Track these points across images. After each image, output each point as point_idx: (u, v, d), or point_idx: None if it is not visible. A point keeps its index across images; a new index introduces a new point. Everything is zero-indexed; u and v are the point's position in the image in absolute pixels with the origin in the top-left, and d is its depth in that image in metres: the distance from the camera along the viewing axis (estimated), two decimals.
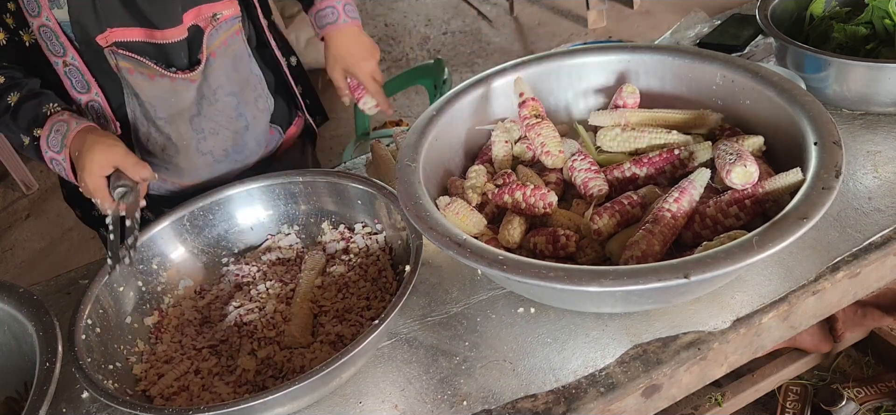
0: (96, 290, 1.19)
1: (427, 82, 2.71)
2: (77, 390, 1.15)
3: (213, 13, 1.40)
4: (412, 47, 4.78)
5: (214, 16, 1.40)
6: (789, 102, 1.15)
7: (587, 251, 1.11)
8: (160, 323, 1.25)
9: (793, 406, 1.94)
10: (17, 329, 1.17)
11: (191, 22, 1.38)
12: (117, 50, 1.34)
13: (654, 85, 1.36)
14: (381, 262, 1.28)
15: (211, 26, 1.40)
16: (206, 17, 1.40)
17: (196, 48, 1.41)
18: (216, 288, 1.32)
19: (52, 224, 3.74)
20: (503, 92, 1.37)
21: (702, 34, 1.81)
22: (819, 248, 1.17)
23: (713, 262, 0.90)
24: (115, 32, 1.33)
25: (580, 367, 1.06)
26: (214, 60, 1.43)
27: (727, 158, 1.08)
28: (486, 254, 0.99)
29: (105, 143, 1.26)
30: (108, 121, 1.41)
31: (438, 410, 1.04)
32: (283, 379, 1.12)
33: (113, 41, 1.33)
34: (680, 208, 1.06)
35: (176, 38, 1.37)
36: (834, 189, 0.97)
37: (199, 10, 1.39)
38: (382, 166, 1.51)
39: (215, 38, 1.42)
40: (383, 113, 1.65)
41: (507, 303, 1.18)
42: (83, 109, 1.40)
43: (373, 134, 2.79)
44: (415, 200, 1.10)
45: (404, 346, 1.14)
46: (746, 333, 1.09)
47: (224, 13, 1.42)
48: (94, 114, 1.40)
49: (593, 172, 1.19)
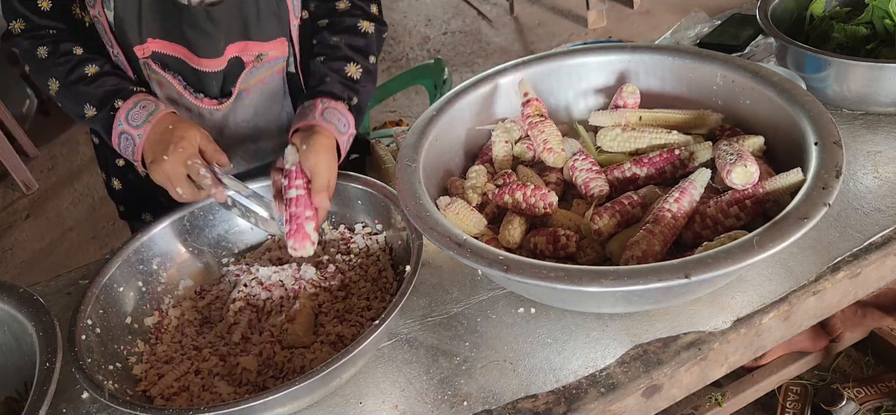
0: (96, 290, 1.19)
1: (427, 82, 2.71)
2: (77, 390, 1.15)
3: (260, 53, 1.37)
4: (412, 47, 4.78)
5: (260, 56, 1.37)
6: (789, 102, 1.15)
7: (587, 251, 1.11)
8: (160, 323, 1.25)
9: (793, 406, 1.94)
10: (17, 329, 1.16)
11: (233, 54, 1.35)
12: (152, 63, 1.33)
13: (654, 85, 1.36)
14: (382, 262, 1.28)
15: (253, 64, 1.38)
16: (251, 54, 1.37)
17: (231, 80, 1.38)
18: (216, 288, 1.32)
19: (52, 224, 3.74)
20: (504, 92, 1.37)
21: (702, 34, 1.81)
22: (819, 248, 1.17)
23: (714, 262, 0.90)
24: (154, 43, 1.32)
25: (581, 367, 1.06)
26: (247, 96, 1.41)
27: (728, 158, 1.08)
28: (486, 254, 0.99)
29: (190, 126, 1.25)
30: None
31: (439, 410, 1.04)
32: (283, 379, 1.12)
33: (151, 51, 1.32)
34: (680, 208, 1.06)
35: (214, 68, 1.35)
36: (834, 189, 0.97)
37: (246, 46, 1.36)
38: (382, 166, 1.51)
39: (254, 75, 1.39)
40: (383, 114, 1.64)
41: (507, 303, 1.18)
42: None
43: (373, 134, 2.79)
44: (415, 200, 1.10)
45: (405, 346, 1.14)
46: (747, 333, 1.09)
47: (271, 54, 1.39)
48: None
49: (594, 172, 1.19)
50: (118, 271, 1.24)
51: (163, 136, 1.24)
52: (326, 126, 1.29)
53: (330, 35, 1.41)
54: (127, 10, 1.28)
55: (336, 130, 1.30)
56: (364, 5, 1.45)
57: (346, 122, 1.32)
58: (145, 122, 1.26)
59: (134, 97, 1.28)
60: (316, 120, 1.29)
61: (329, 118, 1.30)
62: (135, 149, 1.27)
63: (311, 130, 1.27)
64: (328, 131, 1.28)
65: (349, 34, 1.41)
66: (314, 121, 1.29)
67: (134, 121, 1.27)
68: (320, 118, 1.29)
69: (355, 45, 1.41)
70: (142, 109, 1.27)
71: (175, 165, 1.22)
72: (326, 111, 1.31)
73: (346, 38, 1.41)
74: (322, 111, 1.30)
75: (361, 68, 1.39)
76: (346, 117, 1.32)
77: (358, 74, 1.38)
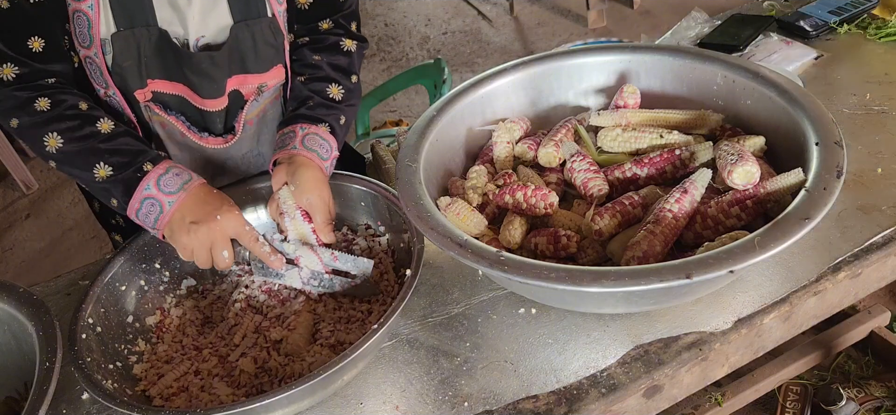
0: (98, 288, 1.19)
1: (427, 82, 2.71)
2: (77, 390, 1.15)
3: (260, 85, 1.34)
4: (412, 47, 4.77)
5: (260, 88, 1.34)
6: (790, 103, 1.15)
7: (588, 252, 1.11)
8: (162, 322, 1.25)
9: (793, 406, 1.94)
10: (17, 329, 1.16)
11: (232, 88, 1.32)
12: (153, 106, 1.29)
13: (654, 85, 1.36)
14: (383, 264, 1.28)
15: (254, 96, 1.35)
16: (250, 87, 1.33)
17: (233, 115, 1.36)
18: (218, 288, 1.32)
19: (52, 224, 3.74)
20: (503, 92, 1.37)
21: (702, 34, 1.81)
22: (820, 248, 1.17)
23: (715, 262, 0.90)
24: (156, 84, 1.27)
25: (581, 367, 1.06)
26: (250, 128, 1.38)
27: (729, 158, 1.08)
28: (487, 254, 0.99)
29: (231, 209, 1.19)
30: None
31: (440, 410, 1.04)
32: (281, 382, 1.12)
33: (152, 92, 1.28)
34: (681, 209, 1.06)
35: (215, 107, 1.32)
36: (836, 189, 0.97)
37: (245, 79, 1.32)
38: (383, 166, 1.50)
39: (255, 107, 1.36)
40: (383, 114, 1.63)
41: (508, 304, 1.17)
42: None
43: (373, 134, 2.79)
44: (416, 201, 1.10)
45: (405, 347, 1.14)
46: (747, 333, 1.09)
47: (270, 83, 1.35)
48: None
49: (592, 172, 1.19)
50: (120, 270, 1.23)
51: (207, 199, 1.19)
52: (308, 155, 1.25)
53: (311, 53, 1.38)
54: (126, 55, 1.22)
55: (318, 157, 1.26)
56: (346, 24, 1.42)
57: (328, 147, 1.29)
58: (180, 190, 1.18)
59: (165, 162, 1.21)
60: (297, 150, 1.25)
61: (310, 145, 1.27)
62: (160, 216, 1.18)
63: (294, 162, 1.24)
64: (311, 161, 1.25)
65: (331, 53, 1.38)
66: (295, 151, 1.25)
67: (167, 187, 1.18)
68: (301, 146, 1.26)
69: (337, 64, 1.38)
70: (176, 176, 1.19)
71: (226, 227, 1.16)
72: (307, 138, 1.27)
73: (328, 56, 1.37)
74: (303, 138, 1.27)
75: (343, 89, 1.36)
76: (327, 142, 1.28)
77: (340, 95, 1.35)
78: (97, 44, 1.21)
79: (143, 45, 1.22)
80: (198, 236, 1.16)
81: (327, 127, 1.30)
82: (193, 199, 1.18)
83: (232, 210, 1.18)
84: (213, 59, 1.26)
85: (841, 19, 1.75)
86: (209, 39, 1.27)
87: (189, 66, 1.26)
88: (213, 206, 1.18)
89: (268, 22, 1.29)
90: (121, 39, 1.21)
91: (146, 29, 1.21)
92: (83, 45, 1.22)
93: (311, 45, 1.39)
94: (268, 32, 1.30)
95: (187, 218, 1.16)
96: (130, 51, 1.22)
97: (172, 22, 1.23)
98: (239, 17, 1.26)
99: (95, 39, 1.20)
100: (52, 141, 1.19)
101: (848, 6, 1.78)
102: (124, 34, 1.21)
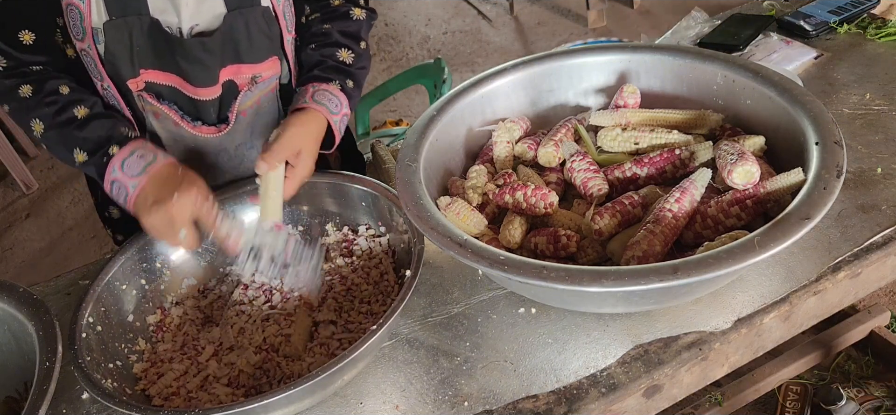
0: (98, 288, 1.18)
1: (427, 82, 2.71)
2: (77, 389, 1.15)
3: (254, 75, 1.34)
4: (412, 47, 4.77)
5: (254, 78, 1.35)
6: (790, 102, 1.15)
7: (588, 251, 1.11)
8: (162, 322, 1.25)
9: (793, 406, 1.94)
10: (17, 329, 1.16)
11: (226, 78, 1.32)
12: (146, 95, 1.30)
13: (654, 85, 1.36)
14: (384, 265, 1.28)
15: (248, 86, 1.35)
16: (244, 77, 1.33)
17: (227, 105, 1.36)
18: (219, 287, 1.32)
19: (52, 224, 3.74)
20: (503, 92, 1.37)
21: (702, 34, 1.81)
22: (820, 248, 1.17)
23: (715, 262, 0.90)
24: (148, 74, 1.28)
25: (581, 367, 1.06)
26: (244, 119, 1.39)
27: (728, 157, 1.08)
28: (486, 254, 0.99)
29: (197, 175, 1.20)
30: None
31: (439, 410, 1.04)
32: (280, 382, 1.12)
33: (145, 83, 1.29)
34: (681, 208, 1.06)
35: (209, 96, 1.32)
36: (836, 189, 0.97)
37: (239, 69, 1.32)
38: (383, 166, 1.50)
39: (249, 97, 1.37)
40: (383, 114, 1.63)
41: (508, 303, 1.17)
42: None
43: (373, 134, 2.79)
44: (416, 201, 1.10)
45: (405, 346, 1.14)
46: (747, 333, 1.09)
47: (264, 74, 1.36)
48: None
49: (592, 171, 1.19)
50: (121, 269, 1.24)
51: (169, 180, 1.18)
52: (317, 107, 1.29)
53: (321, 23, 1.42)
54: (117, 43, 1.23)
55: (327, 111, 1.30)
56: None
57: (338, 102, 1.33)
58: (142, 172, 1.19)
59: (130, 145, 1.22)
60: (306, 103, 1.30)
61: (320, 99, 1.31)
62: (127, 198, 1.20)
63: (304, 113, 1.29)
64: (318, 111, 1.29)
65: (341, 20, 1.42)
66: (305, 104, 1.30)
67: (130, 170, 1.20)
68: (310, 100, 1.30)
69: (346, 30, 1.41)
70: (139, 159, 1.20)
71: (183, 207, 1.16)
72: (317, 93, 1.32)
73: (337, 24, 1.41)
74: (313, 94, 1.31)
75: (353, 53, 1.40)
76: (337, 98, 1.33)
77: (350, 59, 1.39)
78: (90, 36, 1.23)
79: (134, 33, 1.23)
80: (158, 216, 1.16)
81: (337, 84, 1.34)
82: (156, 179, 1.19)
83: (190, 190, 1.17)
84: (205, 45, 1.26)
85: (841, 19, 1.75)
86: (203, 28, 1.27)
87: (181, 54, 1.27)
88: (172, 186, 1.18)
89: (262, 11, 1.29)
90: (113, 28, 1.22)
91: (138, 18, 1.22)
92: (77, 38, 1.24)
93: (321, 18, 1.43)
94: (262, 21, 1.30)
95: (149, 198, 1.18)
96: (122, 39, 1.23)
97: (165, 10, 1.24)
98: (233, 6, 1.27)
99: (87, 31, 1.22)
100: (37, 126, 1.24)
101: (848, 6, 1.78)
102: (116, 23, 1.21)
